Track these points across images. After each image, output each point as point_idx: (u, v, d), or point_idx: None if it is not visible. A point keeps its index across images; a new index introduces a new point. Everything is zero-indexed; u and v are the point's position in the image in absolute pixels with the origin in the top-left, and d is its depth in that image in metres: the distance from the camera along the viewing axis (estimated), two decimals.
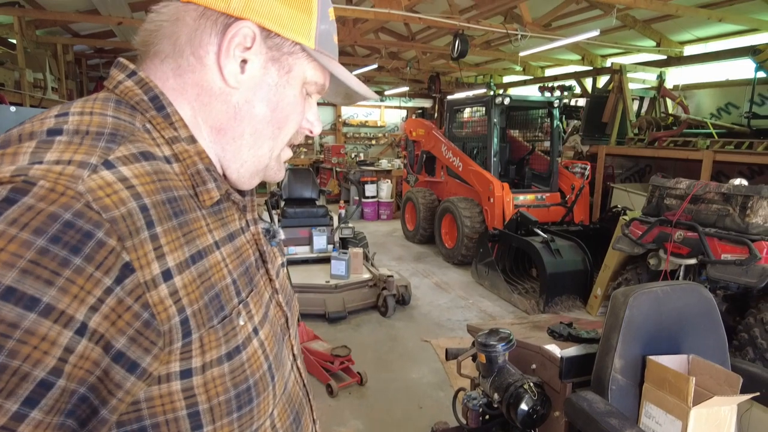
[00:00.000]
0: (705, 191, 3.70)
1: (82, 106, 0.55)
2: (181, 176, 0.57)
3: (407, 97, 14.53)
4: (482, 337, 1.63)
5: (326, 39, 0.65)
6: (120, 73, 0.60)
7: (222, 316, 0.56)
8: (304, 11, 0.61)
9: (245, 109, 0.61)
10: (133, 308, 0.47)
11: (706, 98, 7.37)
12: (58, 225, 0.43)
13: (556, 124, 6.59)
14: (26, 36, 6.43)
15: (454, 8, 6.80)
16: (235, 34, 0.58)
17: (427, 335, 4.31)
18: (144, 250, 0.48)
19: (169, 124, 0.58)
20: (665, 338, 1.41)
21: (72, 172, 0.46)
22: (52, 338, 0.42)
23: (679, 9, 5.28)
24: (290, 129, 0.66)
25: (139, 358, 0.48)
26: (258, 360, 0.60)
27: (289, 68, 0.62)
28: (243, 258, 0.64)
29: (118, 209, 0.46)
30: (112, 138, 0.51)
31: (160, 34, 0.60)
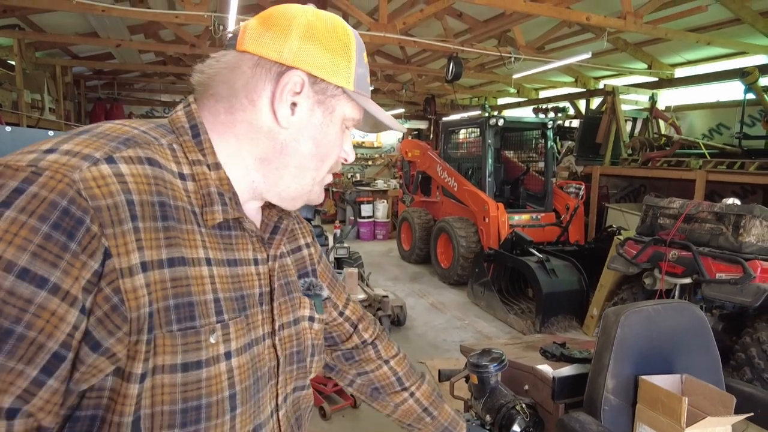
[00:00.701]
0: (698, 210, 3.72)
1: (126, 122, 0.64)
2: (192, 194, 0.62)
3: (403, 118, 14.67)
4: (474, 357, 1.60)
5: (362, 80, 0.71)
6: (181, 107, 0.69)
7: (186, 326, 0.57)
8: (345, 58, 0.68)
9: (293, 146, 0.69)
10: (104, 290, 0.51)
11: (697, 119, 7.48)
12: (57, 212, 0.49)
13: (550, 145, 6.65)
14: (25, 58, 6.50)
15: (449, 32, 6.92)
16: (287, 81, 0.66)
17: (423, 357, 4.25)
18: (124, 240, 0.52)
19: (199, 149, 0.65)
20: (657, 358, 1.40)
21: (74, 162, 0.52)
22: (60, 314, 0.48)
23: (668, 32, 5.38)
24: (331, 160, 0.73)
25: (102, 338, 0.51)
26: (220, 384, 0.59)
27: (332, 109, 0.70)
28: (241, 286, 0.66)
29: (105, 200, 0.52)
30: (125, 142, 0.58)
31: (218, 79, 0.67)
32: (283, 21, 0.66)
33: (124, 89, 11.96)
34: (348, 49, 0.68)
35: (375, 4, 6.92)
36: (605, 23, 5.09)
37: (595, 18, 4.96)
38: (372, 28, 5.62)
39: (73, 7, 4.74)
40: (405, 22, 5.60)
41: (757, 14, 5.43)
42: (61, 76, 7.82)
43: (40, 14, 6.14)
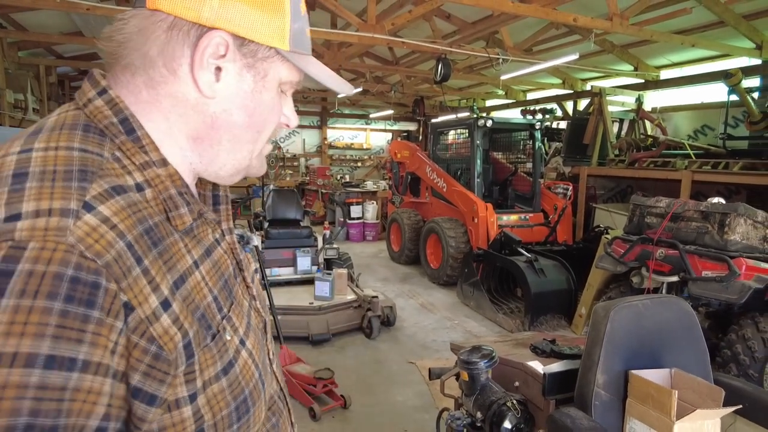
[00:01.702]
0: (684, 209, 3.76)
1: (47, 140, 0.52)
2: (153, 201, 0.56)
3: (392, 120, 14.70)
4: (464, 354, 1.60)
5: (299, 37, 0.63)
6: (91, 89, 0.59)
7: (212, 334, 0.57)
8: (276, 14, 0.59)
9: (223, 117, 0.61)
10: (139, 344, 0.48)
11: (682, 120, 7.58)
12: (66, 284, 0.43)
13: (538, 146, 6.69)
14: (8, 57, 6.39)
15: (437, 33, 6.95)
16: (207, 44, 0.57)
17: (413, 357, 4.25)
18: (139, 287, 0.48)
19: (139, 147, 0.57)
20: (647, 352, 1.40)
21: (57, 224, 0.45)
22: (97, 389, 0.45)
23: (654, 34, 5.45)
24: (269, 130, 0.66)
25: (156, 390, 0.50)
26: (250, 369, 0.62)
27: (265, 73, 0.62)
28: (222, 271, 0.64)
29: (109, 253, 0.46)
30: (82, 176, 0.49)
31: (129, 47, 0.58)
32: None
33: None
34: (281, 1, 0.60)
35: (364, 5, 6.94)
36: (592, 25, 5.14)
37: (582, 19, 5.01)
38: (361, 29, 5.61)
39: (57, 6, 4.67)
40: (393, 23, 5.61)
41: (740, 17, 5.53)
42: (45, 76, 7.70)
43: (23, 13, 6.05)
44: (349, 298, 4.84)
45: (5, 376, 0.40)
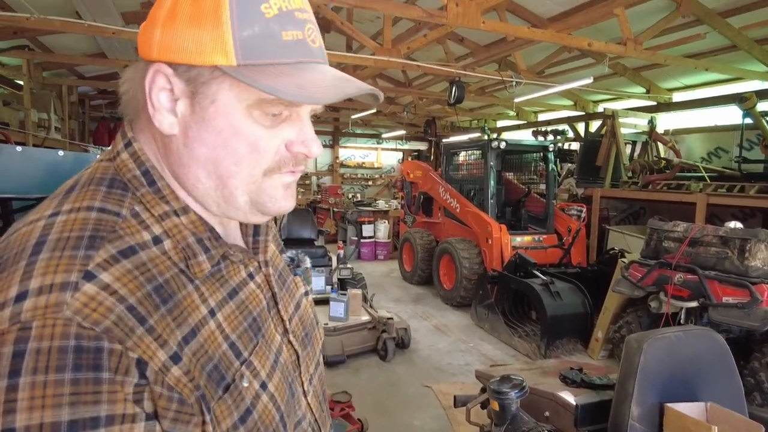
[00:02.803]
0: (703, 234, 3.75)
1: (74, 199, 0.56)
2: (173, 251, 0.57)
3: (403, 140, 14.82)
4: (495, 384, 1.61)
5: (261, 44, 0.53)
6: (120, 141, 0.61)
7: (225, 386, 0.56)
8: (212, 25, 0.52)
9: (185, 153, 0.58)
10: (164, 394, 0.50)
11: (696, 143, 7.59)
12: (71, 354, 0.45)
13: (552, 167, 6.71)
14: (33, 77, 6.56)
15: (450, 56, 7.04)
16: (151, 80, 0.55)
17: (428, 380, 4.22)
18: (145, 344, 0.50)
19: (160, 198, 0.59)
20: (681, 385, 1.40)
21: (55, 300, 0.47)
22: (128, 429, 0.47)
23: (667, 59, 5.50)
24: (254, 160, 0.58)
25: (183, 428, 0.51)
26: (270, 414, 0.61)
27: (213, 98, 0.55)
28: (249, 310, 0.63)
29: (108, 318, 0.48)
30: (91, 243, 0.51)
31: (127, 99, 0.61)
32: (154, 11, 0.56)
33: None
34: (217, 10, 0.52)
35: (379, 28, 7.07)
36: (606, 49, 5.20)
37: (597, 44, 5.07)
38: (377, 53, 5.71)
39: (85, 30, 4.81)
40: (409, 46, 5.70)
41: (753, 41, 5.56)
42: (67, 95, 7.88)
43: (49, 36, 6.23)
44: (363, 319, 4.84)
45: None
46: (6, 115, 5.56)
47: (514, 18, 5.97)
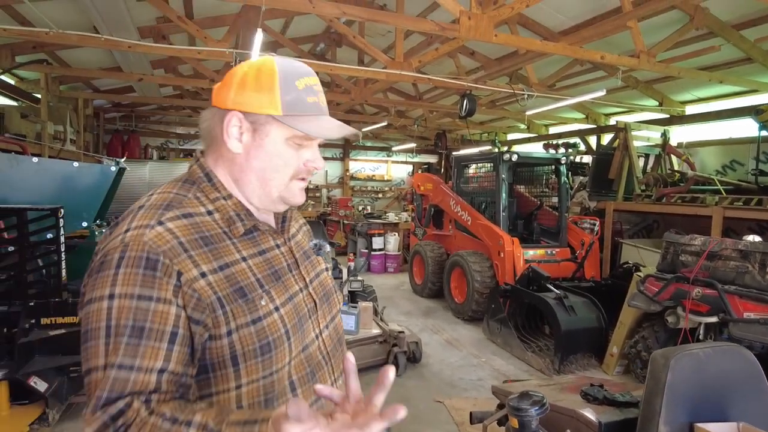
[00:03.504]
0: (721, 248, 3.68)
1: (165, 187, 0.98)
2: (220, 221, 0.95)
3: (414, 152, 14.84)
4: (514, 400, 1.56)
5: (295, 104, 0.93)
6: (194, 161, 1.02)
7: (245, 299, 0.90)
8: (269, 93, 0.92)
9: (246, 165, 0.97)
10: (188, 292, 0.85)
11: (710, 156, 7.49)
12: (144, 261, 0.84)
13: (564, 180, 6.66)
14: (50, 91, 6.67)
15: (461, 69, 7.07)
16: (228, 120, 0.94)
17: (440, 395, 4.15)
18: (186, 264, 0.86)
19: (213, 188, 0.98)
20: (711, 404, 1.35)
21: (141, 232, 0.86)
22: (165, 311, 0.83)
23: (681, 71, 5.46)
24: (285, 172, 0.97)
25: (199, 315, 0.85)
26: (276, 326, 0.93)
27: (267, 133, 0.95)
28: (273, 264, 0.99)
29: (164, 246, 0.85)
30: (167, 207, 0.92)
31: (205, 133, 1.00)
32: (228, 79, 0.96)
33: (141, 121, 12.20)
34: (272, 85, 0.92)
35: (390, 42, 7.12)
36: (619, 62, 5.18)
37: (609, 57, 5.05)
38: (389, 66, 5.74)
39: (101, 44, 4.89)
40: (420, 60, 5.72)
41: None
42: (83, 108, 8.00)
43: (66, 50, 6.35)
44: (374, 333, 4.79)
45: (121, 300, 0.81)
46: (24, 127, 5.65)
47: (525, 31, 5.99)
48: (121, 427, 0.75)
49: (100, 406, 0.76)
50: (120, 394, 0.76)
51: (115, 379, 0.77)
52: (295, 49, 6.96)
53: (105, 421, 0.75)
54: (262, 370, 0.91)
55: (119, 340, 0.79)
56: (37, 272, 3.24)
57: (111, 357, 0.78)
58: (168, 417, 0.75)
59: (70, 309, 3.14)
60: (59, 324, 3.12)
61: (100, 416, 0.75)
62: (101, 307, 0.81)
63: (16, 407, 3.03)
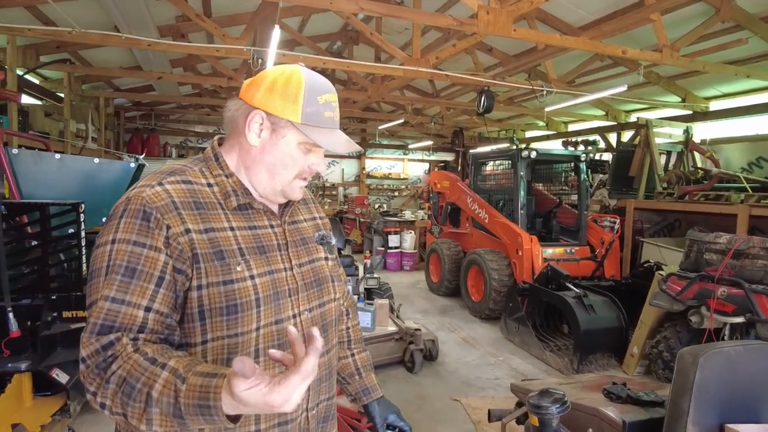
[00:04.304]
0: (748, 246, 3.57)
1: (185, 161, 1.11)
2: (218, 193, 1.06)
3: (430, 150, 14.78)
4: (534, 398, 1.53)
5: (314, 116, 1.04)
6: (210, 145, 1.14)
7: (222, 262, 0.99)
8: (293, 102, 1.03)
9: (259, 157, 1.07)
10: (173, 245, 0.96)
11: (735, 152, 7.30)
12: (141, 213, 0.96)
13: (584, 178, 6.55)
14: (73, 90, 6.80)
15: (479, 66, 7.00)
16: (252, 117, 1.04)
17: (457, 394, 4.12)
18: (175, 220, 0.97)
19: (218, 166, 1.09)
20: (742, 404, 1.30)
21: (142, 190, 0.99)
22: (155, 257, 0.94)
23: (705, 65, 5.32)
24: (292, 170, 1.08)
25: (181, 265, 0.96)
26: (247, 291, 1.00)
27: (284, 135, 1.05)
28: (260, 239, 1.07)
29: (159, 203, 0.97)
30: (171, 173, 1.05)
31: (227, 116, 1.10)
32: (259, 79, 1.06)
33: (161, 120, 12.37)
34: (297, 96, 1.02)
35: (407, 39, 7.08)
36: (641, 57, 5.07)
37: (631, 51, 4.95)
38: (405, 63, 5.71)
39: (122, 42, 4.96)
40: (438, 56, 5.68)
41: None
42: (104, 107, 8.14)
43: (89, 49, 6.45)
44: (390, 330, 4.77)
45: (120, 245, 0.93)
46: (47, 126, 5.76)
47: (545, 27, 5.90)
48: (110, 357, 0.86)
49: (95, 333, 0.88)
50: (112, 324, 0.89)
51: (108, 309, 0.89)
52: (312, 47, 6.97)
53: (97, 348, 0.87)
54: (227, 329, 0.98)
55: (114, 277, 0.91)
56: (59, 266, 3.29)
57: (105, 290, 0.91)
58: (149, 357, 0.86)
59: None
60: (80, 317, 3.16)
61: (94, 343, 0.88)
62: (104, 251, 0.94)
63: (39, 398, 3.07)
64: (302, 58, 5.60)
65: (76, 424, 3.32)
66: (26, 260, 3.20)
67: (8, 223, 3.16)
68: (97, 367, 0.86)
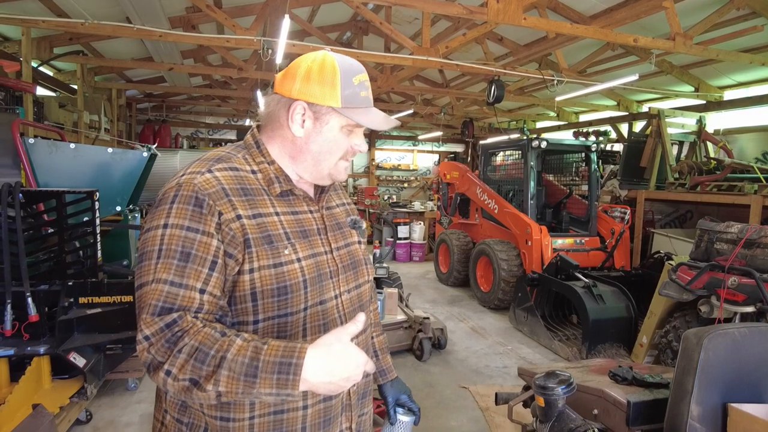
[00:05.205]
0: (760, 235, 3.54)
1: (228, 148, 1.15)
2: (261, 180, 1.10)
3: (440, 142, 14.73)
4: (540, 379, 1.55)
5: (352, 98, 1.07)
6: (249, 133, 1.18)
7: (271, 246, 1.03)
8: (331, 87, 1.05)
9: (305, 147, 1.11)
10: (225, 230, 0.99)
11: (749, 143, 7.20)
12: (193, 199, 0.99)
13: (594, 168, 6.51)
14: (86, 82, 6.88)
15: (489, 56, 6.96)
16: (294, 108, 1.08)
17: (465, 382, 4.15)
18: (226, 206, 1.00)
19: (260, 154, 1.13)
20: (746, 385, 1.31)
21: (193, 177, 1.02)
22: (208, 242, 0.98)
23: (720, 54, 5.25)
24: (337, 154, 1.12)
25: (233, 250, 1.00)
26: (295, 273, 1.04)
27: (327, 121, 1.08)
28: (303, 224, 1.11)
29: (210, 190, 1.00)
30: (217, 160, 1.08)
31: (266, 112, 1.14)
32: (293, 70, 1.08)
33: (172, 111, 12.47)
34: (334, 81, 1.05)
35: (417, 29, 7.06)
36: (653, 45, 5.01)
37: (643, 40, 4.89)
38: (415, 52, 5.70)
39: (134, 33, 5.00)
40: (447, 46, 5.66)
41: None
42: (116, 98, 8.22)
43: (101, 41, 6.52)
44: (399, 319, 4.81)
45: (173, 230, 0.96)
46: (61, 117, 5.84)
47: (555, 16, 5.84)
48: (178, 332, 0.90)
49: (157, 313, 0.91)
50: (171, 306, 0.92)
51: (168, 292, 0.93)
52: (322, 37, 6.97)
53: (161, 327, 0.90)
54: (278, 310, 1.03)
55: (170, 261, 0.95)
56: (75, 253, 3.36)
57: (162, 273, 0.94)
58: (218, 330, 0.91)
59: (105, 289, 3.25)
60: (96, 303, 3.23)
61: (158, 322, 0.91)
62: (156, 234, 0.97)
63: (57, 381, 3.16)
64: (312, 48, 5.62)
65: (93, 407, 3.41)
66: (43, 247, 3.27)
67: (26, 211, 3.24)
68: (167, 342, 0.89)
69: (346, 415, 1.16)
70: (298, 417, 1.05)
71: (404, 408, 1.45)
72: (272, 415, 1.04)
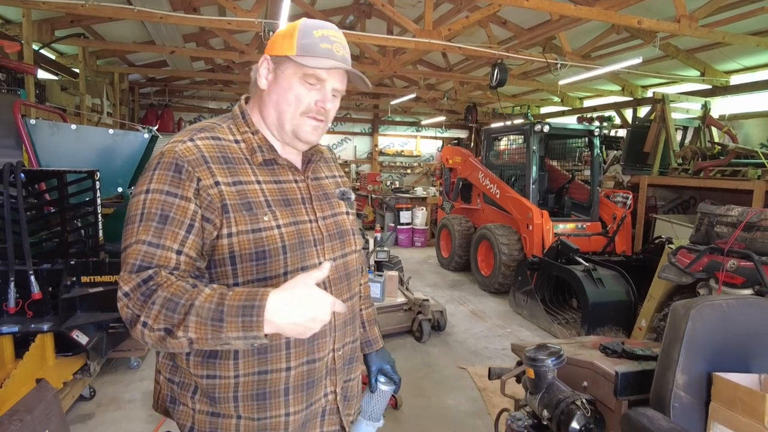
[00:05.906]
0: (760, 219, 3.53)
1: (211, 120, 1.19)
2: (245, 149, 1.13)
3: (443, 127, 14.67)
4: (531, 351, 1.57)
5: (309, 47, 1.08)
6: (237, 104, 1.21)
7: (250, 212, 1.06)
8: (290, 39, 1.09)
9: (267, 98, 1.14)
10: (203, 196, 1.03)
11: (754, 128, 7.14)
12: (173, 165, 1.04)
13: (597, 153, 6.48)
14: (88, 65, 6.87)
15: (493, 39, 6.89)
16: (260, 63, 1.14)
17: (463, 363, 4.19)
18: (205, 173, 1.04)
19: (245, 123, 1.16)
20: (732, 355, 1.32)
21: (175, 145, 1.07)
22: (185, 206, 1.02)
23: (726, 36, 5.18)
24: (296, 106, 1.11)
25: (210, 215, 1.03)
26: (274, 238, 1.07)
27: (283, 70, 1.11)
28: (286, 193, 1.13)
29: (190, 157, 1.05)
30: (201, 129, 1.12)
31: (252, 77, 1.17)
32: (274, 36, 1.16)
33: (175, 96, 12.45)
34: (293, 33, 1.09)
35: (419, 12, 7.00)
36: (658, 27, 4.96)
37: (647, 22, 4.84)
38: (417, 35, 5.66)
39: (135, 15, 4.98)
40: (450, 28, 5.61)
41: None
42: (119, 82, 8.21)
43: (102, 24, 6.50)
44: (399, 301, 4.85)
45: (154, 194, 1.01)
46: (64, 100, 5.86)
47: None
48: (153, 285, 0.94)
49: (135, 271, 0.96)
50: (149, 265, 0.97)
51: (146, 252, 0.98)
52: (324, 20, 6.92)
53: (138, 282, 0.95)
54: (256, 273, 1.06)
55: (149, 224, 1.00)
56: (76, 233, 3.40)
57: (141, 235, 0.99)
58: (190, 283, 0.95)
59: (107, 269, 3.29)
60: (98, 282, 3.27)
61: (135, 278, 0.96)
62: (139, 200, 1.02)
63: (61, 358, 3.22)
64: None
65: (96, 384, 3.47)
66: (46, 227, 3.31)
67: (28, 191, 3.27)
68: (143, 295, 0.93)
69: (331, 378, 1.19)
70: (281, 378, 1.08)
71: (386, 378, 1.48)
72: (256, 375, 1.07)
